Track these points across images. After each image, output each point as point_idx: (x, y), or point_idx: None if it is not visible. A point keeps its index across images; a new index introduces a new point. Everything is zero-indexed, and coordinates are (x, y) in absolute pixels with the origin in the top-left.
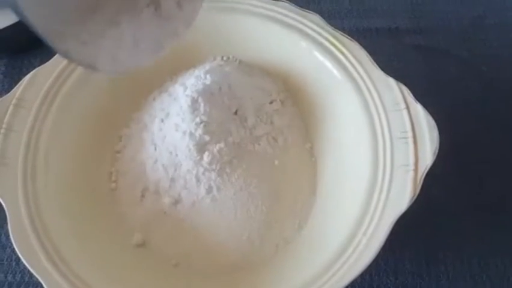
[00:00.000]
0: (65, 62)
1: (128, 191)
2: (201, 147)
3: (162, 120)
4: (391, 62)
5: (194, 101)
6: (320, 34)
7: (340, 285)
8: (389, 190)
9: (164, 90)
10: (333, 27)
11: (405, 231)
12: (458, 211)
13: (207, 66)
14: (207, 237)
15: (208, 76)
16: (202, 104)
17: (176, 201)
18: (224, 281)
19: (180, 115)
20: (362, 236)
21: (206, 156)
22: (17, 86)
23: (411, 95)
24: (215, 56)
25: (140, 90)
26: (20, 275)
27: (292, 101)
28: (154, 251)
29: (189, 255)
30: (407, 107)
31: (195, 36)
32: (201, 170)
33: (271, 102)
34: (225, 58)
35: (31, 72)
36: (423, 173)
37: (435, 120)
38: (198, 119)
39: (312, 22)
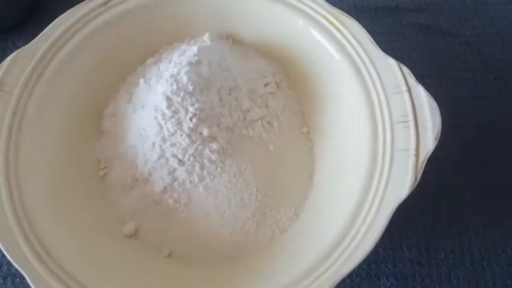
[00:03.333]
0: (48, 42)
1: (117, 178)
2: (192, 132)
3: (148, 102)
4: (391, 42)
5: (183, 82)
6: (317, 12)
7: (338, 276)
8: (388, 176)
9: (151, 67)
10: (331, 5)
11: (404, 217)
12: (458, 196)
13: (198, 45)
14: (200, 227)
15: (199, 55)
16: (191, 86)
17: (168, 190)
18: (218, 271)
19: (167, 97)
20: (361, 224)
21: (197, 142)
22: None
23: (412, 76)
24: (208, 33)
25: (128, 68)
26: (6, 267)
27: (288, 83)
28: (145, 241)
29: (182, 245)
30: (408, 89)
31: (188, 11)
32: (193, 156)
33: (266, 85)
34: (217, 37)
35: (12, 54)
36: (424, 159)
37: (437, 103)
38: (186, 102)
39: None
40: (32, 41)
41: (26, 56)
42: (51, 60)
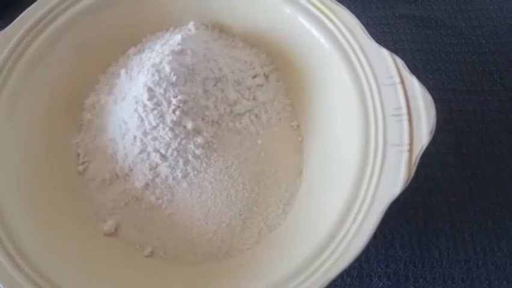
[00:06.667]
0: (23, 29)
1: (96, 173)
2: (175, 125)
3: (129, 93)
4: (384, 33)
5: (165, 72)
6: (307, 0)
7: (328, 276)
8: (380, 173)
9: (133, 57)
10: None
11: (397, 214)
12: (453, 193)
13: (182, 33)
14: (183, 224)
15: (182, 44)
16: (174, 77)
17: (149, 186)
18: (202, 271)
19: (149, 88)
20: (352, 222)
21: (181, 136)
22: None
23: (406, 67)
24: (193, 22)
25: (109, 58)
26: None
27: (277, 75)
28: (126, 239)
29: (164, 244)
30: (402, 81)
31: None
32: (176, 151)
33: (254, 77)
34: (203, 26)
35: None
36: (418, 154)
37: (431, 96)
38: (169, 93)
39: None
40: (5, 29)
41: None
42: (27, 49)
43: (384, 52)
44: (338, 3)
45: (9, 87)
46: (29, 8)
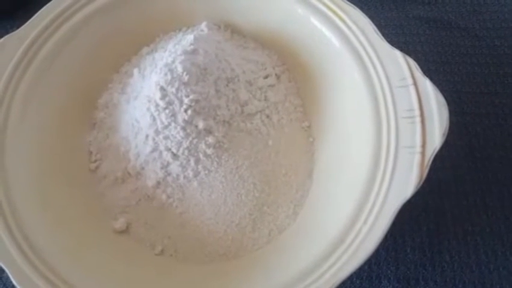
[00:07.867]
0: (38, 28)
1: (108, 172)
2: (186, 125)
3: (142, 93)
4: (396, 35)
5: (178, 72)
6: (318, 0)
7: (338, 278)
8: (392, 175)
9: (146, 57)
10: None
11: (408, 217)
12: (465, 196)
13: (195, 33)
14: (194, 224)
15: (195, 44)
16: (187, 76)
17: (161, 184)
18: (212, 270)
19: (161, 87)
20: (363, 225)
21: (192, 135)
22: None
23: (419, 69)
24: (205, 22)
25: (123, 58)
26: None
27: (288, 75)
28: (137, 237)
29: (175, 242)
30: (415, 83)
31: None
32: (187, 150)
33: (265, 77)
34: (215, 27)
35: (0, 40)
36: (431, 157)
37: (445, 98)
38: (181, 93)
39: None
40: (19, 29)
41: (13, 44)
42: (41, 49)
43: (397, 53)
44: (350, 3)
45: (24, 87)
46: (42, 9)
